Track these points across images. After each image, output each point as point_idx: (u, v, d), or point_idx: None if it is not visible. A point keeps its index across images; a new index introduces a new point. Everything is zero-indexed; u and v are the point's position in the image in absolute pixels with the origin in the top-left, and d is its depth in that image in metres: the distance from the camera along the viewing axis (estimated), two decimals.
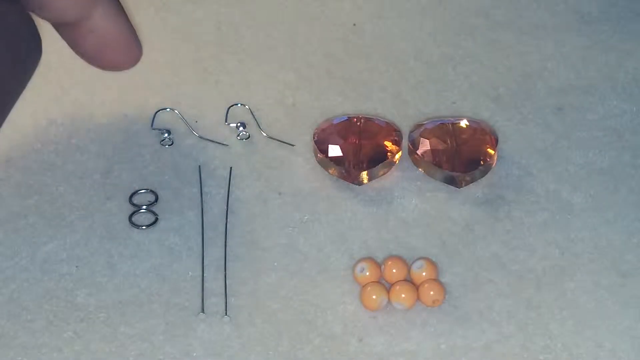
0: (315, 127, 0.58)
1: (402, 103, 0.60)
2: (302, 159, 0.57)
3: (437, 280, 0.52)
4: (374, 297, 0.51)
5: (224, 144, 0.58)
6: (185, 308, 0.51)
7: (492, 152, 0.56)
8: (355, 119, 0.58)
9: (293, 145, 0.58)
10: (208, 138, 0.58)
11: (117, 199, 0.56)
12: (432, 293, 0.51)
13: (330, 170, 0.57)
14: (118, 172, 0.57)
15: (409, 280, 0.52)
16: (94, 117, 0.59)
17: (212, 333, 0.50)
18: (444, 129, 0.57)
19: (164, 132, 0.58)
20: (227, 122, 0.59)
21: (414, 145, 0.57)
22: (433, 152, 0.56)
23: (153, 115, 0.59)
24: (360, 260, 0.52)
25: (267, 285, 0.52)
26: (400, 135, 0.57)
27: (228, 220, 0.55)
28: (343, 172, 0.56)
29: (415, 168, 0.57)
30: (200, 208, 0.55)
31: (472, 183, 0.56)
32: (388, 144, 0.57)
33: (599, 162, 0.57)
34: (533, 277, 0.52)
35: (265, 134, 0.58)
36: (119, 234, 0.54)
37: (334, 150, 0.56)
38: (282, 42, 0.63)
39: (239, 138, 0.58)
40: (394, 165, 0.57)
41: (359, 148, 0.56)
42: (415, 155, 0.57)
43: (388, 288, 0.52)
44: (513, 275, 0.52)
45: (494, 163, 0.57)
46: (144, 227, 0.54)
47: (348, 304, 0.51)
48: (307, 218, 0.55)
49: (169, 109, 0.59)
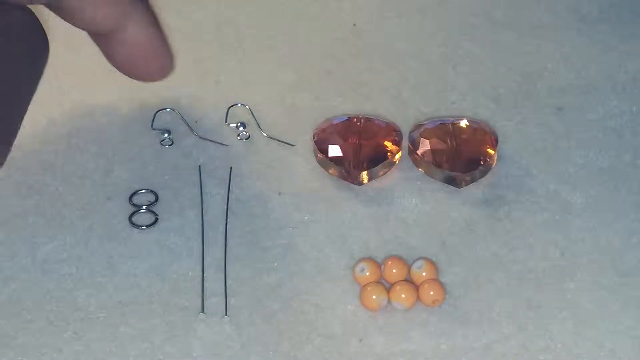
0: (315, 127, 0.58)
1: (402, 103, 0.60)
2: (302, 159, 0.57)
3: (437, 280, 0.52)
4: (374, 297, 0.51)
5: (224, 144, 0.58)
6: (185, 308, 0.51)
7: (492, 152, 0.56)
8: (355, 119, 0.58)
9: (293, 145, 0.58)
10: (208, 138, 0.58)
11: (117, 199, 0.56)
12: (432, 293, 0.51)
13: (330, 171, 0.56)
14: (118, 172, 0.57)
15: (409, 280, 0.52)
16: (94, 117, 0.59)
17: (212, 333, 0.50)
18: (444, 129, 0.57)
19: (164, 132, 0.58)
20: (227, 122, 0.59)
21: (414, 145, 0.57)
22: (433, 152, 0.56)
23: (153, 115, 0.59)
24: (360, 261, 0.52)
25: (267, 285, 0.52)
26: (400, 135, 0.57)
27: (228, 220, 0.55)
28: (343, 172, 0.56)
29: (415, 168, 0.57)
30: (200, 208, 0.55)
31: (472, 183, 0.56)
32: (388, 144, 0.57)
33: (599, 162, 0.57)
34: (533, 277, 0.52)
35: (265, 134, 0.58)
36: (119, 234, 0.54)
37: (334, 151, 0.56)
38: (282, 42, 0.63)
39: (239, 138, 0.58)
40: (394, 165, 0.57)
41: (359, 148, 0.56)
42: (415, 155, 0.57)
43: (388, 288, 0.52)
44: (513, 275, 0.52)
45: (494, 163, 0.57)
46: (144, 227, 0.54)
47: (348, 304, 0.51)
48: (307, 218, 0.55)
49: (169, 109, 0.59)
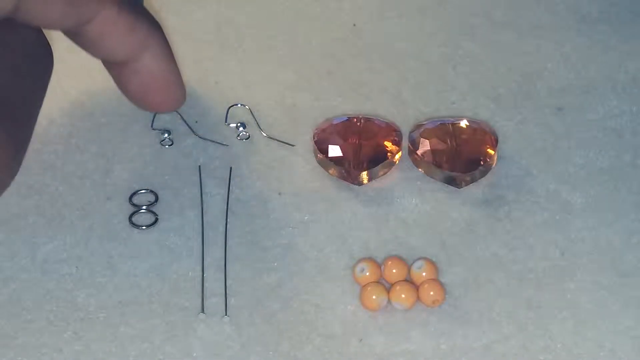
0: (315, 127, 0.58)
1: (402, 103, 0.60)
2: (302, 159, 0.57)
3: (437, 280, 0.52)
4: (374, 297, 0.51)
5: (224, 144, 0.58)
6: (185, 308, 0.51)
7: (492, 152, 0.56)
8: (355, 119, 0.58)
9: (293, 145, 0.58)
10: (208, 138, 0.58)
11: (117, 199, 0.56)
12: (432, 293, 0.51)
13: (330, 171, 0.56)
14: (118, 172, 0.57)
15: (409, 281, 0.52)
16: (94, 117, 0.59)
17: (212, 333, 0.50)
18: (444, 129, 0.57)
19: (164, 132, 0.58)
20: (227, 122, 0.59)
21: (414, 146, 0.57)
22: (433, 152, 0.56)
23: (153, 115, 0.59)
24: (360, 261, 0.52)
25: (267, 285, 0.52)
26: (400, 135, 0.57)
27: (228, 220, 0.55)
28: (343, 172, 0.56)
29: (415, 168, 0.57)
30: (200, 208, 0.55)
31: (472, 183, 0.56)
32: (388, 144, 0.57)
33: (599, 162, 0.57)
34: (533, 277, 0.52)
35: (265, 134, 0.58)
36: (119, 234, 0.54)
37: (334, 151, 0.56)
38: (282, 42, 0.63)
39: (239, 138, 0.58)
40: (394, 166, 0.57)
41: (359, 148, 0.56)
42: (415, 156, 0.57)
43: (388, 288, 0.52)
44: (513, 275, 0.52)
45: (494, 163, 0.57)
46: (144, 227, 0.54)
47: (348, 304, 0.51)
48: (307, 218, 0.55)
49: None
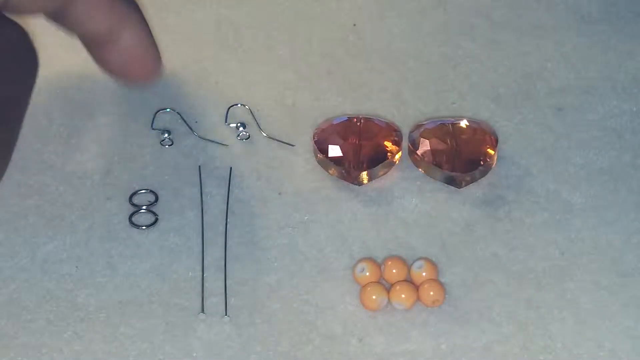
0: (315, 127, 0.58)
1: (402, 103, 0.60)
2: (302, 159, 0.57)
3: (437, 281, 0.52)
4: (374, 297, 0.51)
5: (224, 144, 0.58)
6: (185, 308, 0.51)
7: (492, 152, 0.56)
8: (355, 119, 0.58)
9: (293, 146, 0.58)
10: (208, 138, 0.58)
11: (117, 199, 0.56)
12: (432, 293, 0.51)
13: (330, 171, 0.56)
14: (118, 172, 0.57)
15: (409, 281, 0.52)
16: (94, 117, 0.59)
17: (212, 333, 0.50)
18: (444, 129, 0.57)
19: (164, 132, 0.58)
20: (227, 122, 0.59)
21: (414, 146, 0.57)
22: (433, 152, 0.56)
23: (153, 115, 0.59)
24: (360, 261, 0.52)
25: (267, 285, 0.52)
26: (400, 136, 0.57)
27: (228, 220, 0.55)
28: (343, 172, 0.56)
29: (415, 168, 0.57)
30: (200, 208, 0.55)
31: (472, 183, 0.56)
32: (388, 144, 0.57)
33: (599, 162, 0.57)
34: (533, 277, 0.52)
35: (265, 134, 0.58)
36: (119, 234, 0.54)
37: (334, 151, 0.56)
38: (282, 42, 0.63)
39: (239, 138, 0.58)
40: (394, 166, 0.57)
41: (359, 148, 0.56)
42: (415, 156, 0.57)
43: (388, 288, 0.52)
44: (513, 275, 0.52)
45: (494, 163, 0.57)
46: (144, 227, 0.54)
47: (348, 304, 0.51)
48: (307, 218, 0.55)
49: (169, 109, 0.59)
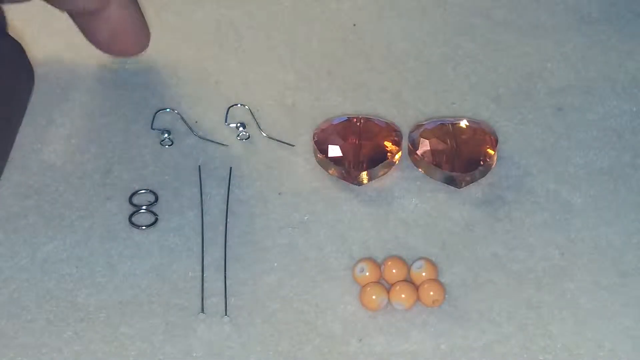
0: (315, 127, 0.58)
1: (402, 103, 0.60)
2: (302, 159, 0.57)
3: (437, 281, 0.52)
4: (374, 297, 0.51)
5: (224, 144, 0.58)
6: (185, 308, 0.51)
7: (492, 152, 0.56)
8: (355, 119, 0.58)
9: (293, 146, 0.58)
10: (208, 138, 0.58)
11: (117, 199, 0.56)
12: (432, 293, 0.51)
13: (330, 171, 0.56)
14: (118, 172, 0.57)
15: (409, 281, 0.52)
16: (94, 117, 0.59)
17: (212, 333, 0.50)
18: (444, 129, 0.57)
19: (164, 132, 0.58)
20: (227, 122, 0.59)
21: (414, 146, 0.57)
22: (433, 152, 0.56)
23: (153, 115, 0.59)
24: (360, 261, 0.52)
25: (267, 285, 0.52)
26: (400, 136, 0.57)
27: (228, 220, 0.55)
28: (343, 172, 0.56)
29: (415, 168, 0.57)
30: (200, 208, 0.55)
31: (472, 183, 0.56)
32: (388, 144, 0.57)
33: (599, 162, 0.57)
34: (533, 277, 0.52)
35: (265, 134, 0.58)
36: (119, 234, 0.54)
37: (334, 151, 0.56)
38: (282, 42, 0.63)
39: (239, 138, 0.58)
40: (394, 166, 0.57)
41: (359, 148, 0.56)
42: (415, 156, 0.57)
43: (388, 288, 0.52)
44: (513, 275, 0.52)
45: (494, 163, 0.57)
46: (144, 227, 0.54)
47: (348, 304, 0.51)
48: (307, 218, 0.55)
49: (169, 109, 0.59)
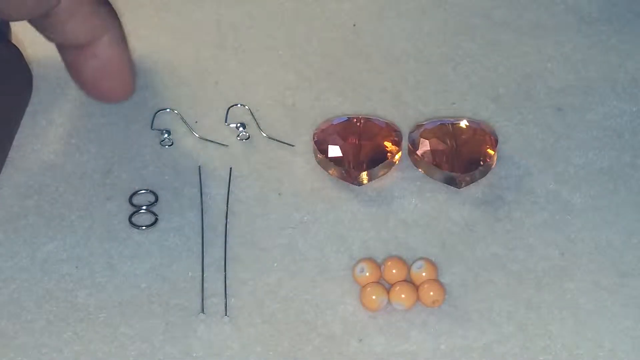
0: (315, 127, 0.58)
1: (402, 103, 0.60)
2: (302, 159, 0.57)
3: (437, 281, 0.52)
4: (374, 297, 0.51)
5: (224, 145, 0.58)
6: (185, 308, 0.51)
7: (492, 152, 0.56)
8: (355, 120, 0.58)
9: (293, 146, 0.58)
10: (208, 138, 0.58)
11: (117, 199, 0.56)
12: (432, 293, 0.51)
13: (330, 171, 0.56)
14: (118, 172, 0.57)
15: (409, 281, 0.52)
16: (94, 117, 0.59)
17: (212, 333, 0.50)
18: (444, 130, 0.57)
19: (164, 132, 0.58)
20: (227, 122, 0.59)
21: (414, 146, 0.57)
22: (433, 152, 0.56)
23: (153, 115, 0.59)
24: (360, 261, 0.52)
25: (267, 285, 0.52)
26: (400, 136, 0.57)
27: (228, 221, 0.55)
28: (343, 172, 0.56)
29: (415, 168, 0.57)
30: (200, 208, 0.55)
31: (472, 183, 0.56)
32: (388, 145, 0.57)
33: (599, 162, 0.57)
34: (533, 277, 0.52)
35: (265, 135, 0.58)
36: (119, 234, 0.54)
37: (334, 151, 0.56)
38: (282, 42, 0.63)
39: (239, 138, 0.58)
40: (394, 166, 0.57)
41: (359, 148, 0.56)
42: (415, 156, 0.57)
43: (388, 288, 0.52)
44: (513, 275, 0.52)
45: (494, 163, 0.57)
46: (144, 227, 0.54)
47: (348, 304, 0.51)
48: (307, 218, 0.55)
49: (169, 109, 0.59)
